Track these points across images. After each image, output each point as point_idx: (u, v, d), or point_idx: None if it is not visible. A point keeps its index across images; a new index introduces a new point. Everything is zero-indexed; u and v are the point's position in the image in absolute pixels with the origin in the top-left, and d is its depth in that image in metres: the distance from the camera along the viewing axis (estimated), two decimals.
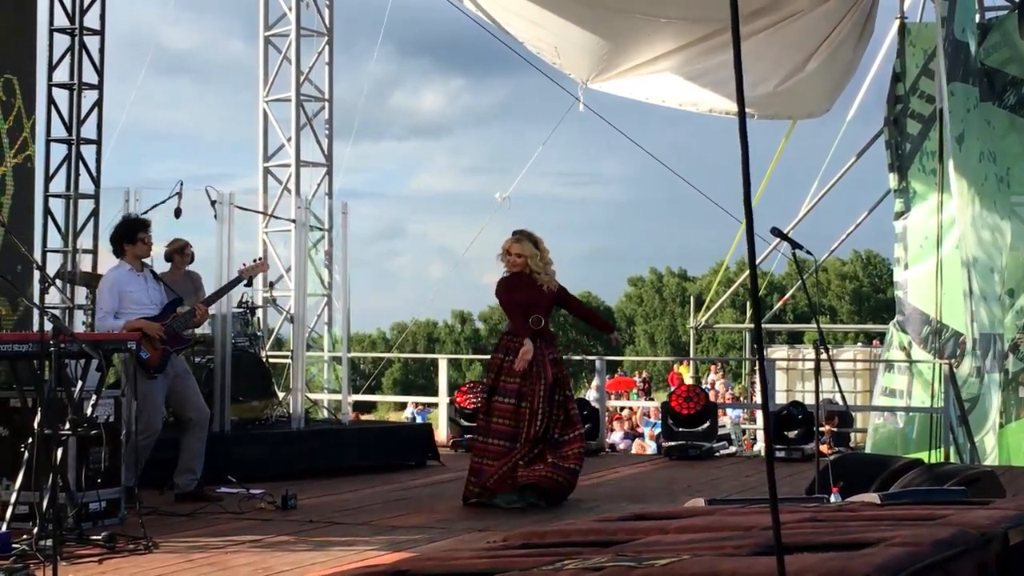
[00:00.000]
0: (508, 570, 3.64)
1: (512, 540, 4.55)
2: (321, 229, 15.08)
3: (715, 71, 16.16)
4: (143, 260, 9.23)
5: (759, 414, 19.24)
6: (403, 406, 29.01)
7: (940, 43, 14.70)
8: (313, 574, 6.54)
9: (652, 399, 30.06)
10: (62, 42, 11.37)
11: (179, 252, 10.88)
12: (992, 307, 15.74)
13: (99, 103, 11.45)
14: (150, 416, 8.97)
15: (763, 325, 22.39)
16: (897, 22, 16.61)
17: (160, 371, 8.99)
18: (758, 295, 2.98)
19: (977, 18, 16.70)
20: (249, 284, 10.23)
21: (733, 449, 17.26)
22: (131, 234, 9.16)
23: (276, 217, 14.42)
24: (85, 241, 11.32)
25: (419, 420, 19.86)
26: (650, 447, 18.86)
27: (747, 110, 13.42)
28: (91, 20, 11.41)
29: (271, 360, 13.44)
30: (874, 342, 26.52)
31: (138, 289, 9.09)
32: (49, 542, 6.43)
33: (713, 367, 32.28)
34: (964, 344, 15.06)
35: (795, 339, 35.91)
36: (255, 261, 10.17)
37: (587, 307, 10.39)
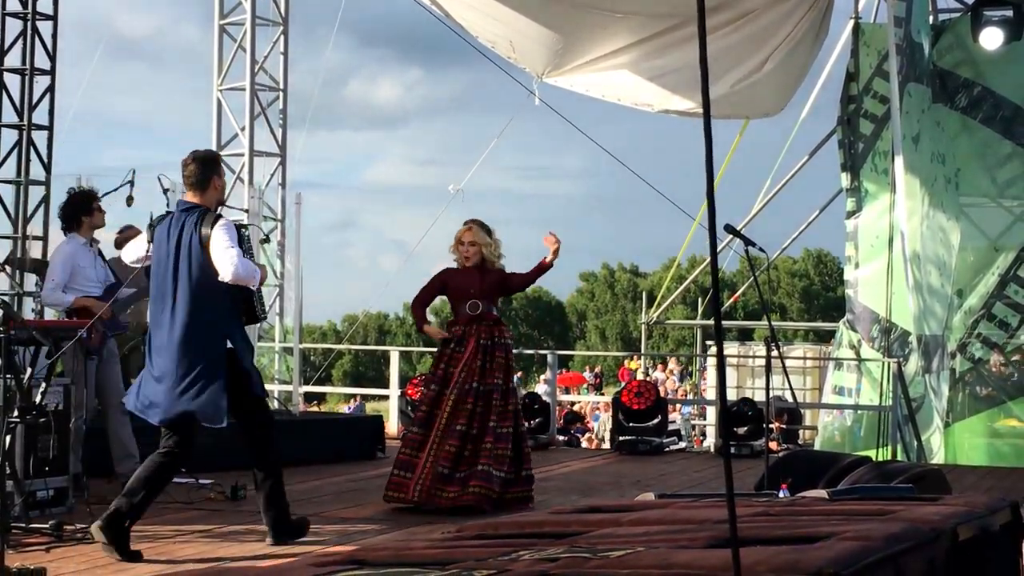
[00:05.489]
0: (463, 560, 3.64)
1: (466, 531, 4.55)
2: (274, 219, 15.01)
3: (670, 71, 16.16)
4: (93, 237, 9.17)
5: (709, 410, 19.33)
6: (352, 398, 28.97)
7: (892, 43, 14.80)
8: (264, 565, 6.50)
9: (603, 394, 30.14)
10: (14, 27, 11.24)
11: (130, 240, 10.78)
12: (940, 307, 15.89)
13: (51, 89, 11.32)
14: (86, 396, 8.90)
15: (713, 321, 22.51)
16: (851, 22, 16.70)
17: (98, 353, 8.89)
18: (719, 290, 3.00)
19: (930, 19, 16.84)
20: None
21: (683, 445, 17.37)
22: (87, 204, 9.09)
23: (229, 207, 14.31)
24: (35, 228, 11.19)
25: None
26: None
27: (701, 111, 13.44)
28: (44, 5, 11.28)
29: None
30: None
31: (88, 265, 9.03)
32: None
33: (661, 365, 32.39)
34: (912, 342, 15.19)
35: (745, 336, 36.12)
36: None
37: (528, 274, 9.19)
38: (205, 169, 7.08)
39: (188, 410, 6.88)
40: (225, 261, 6.80)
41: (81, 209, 9.08)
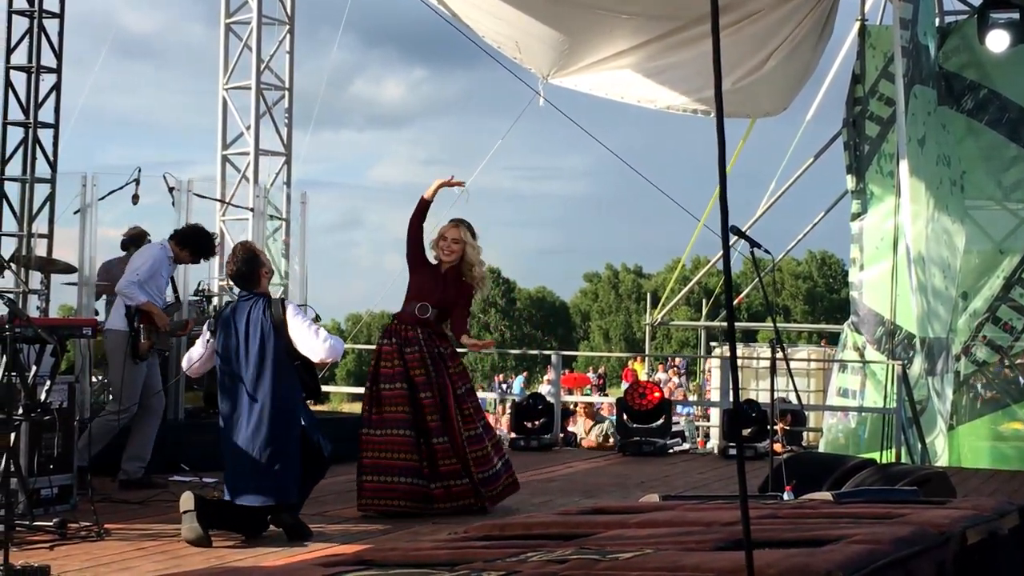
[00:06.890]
0: (472, 561, 3.63)
1: (473, 532, 4.54)
2: (279, 218, 15.00)
3: (674, 68, 16.16)
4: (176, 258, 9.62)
5: (713, 411, 19.31)
6: (357, 397, 28.89)
7: (897, 45, 14.77)
8: (268, 563, 6.50)
9: (607, 395, 30.12)
10: (21, 24, 11.23)
11: (136, 240, 10.84)
12: (944, 310, 15.86)
13: (57, 87, 11.31)
14: (130, 396, 9.18)
15: (718, 323, 22.50)
16: (857, 24, 16.67)
17: (144, 359, 9.30)
18: (731, 294, 2.99)
19: (937, 21, 16.81)
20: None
21: (687, 446, 17.35)
22: (201, 249, 9.67)
23: (234, 205, 14.34)
24: (40, 226, 11.18)
25: None
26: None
27: (703, 108, 13.35)
28: (50, 3, 11.26)
29: None
30: (823, 342, 26.69)
31: (165, 277, 9.53)
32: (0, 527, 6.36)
33: (661, 365, 32.35)
34: (916, 345, 15.17)
35: (749, 337, 36.05)
36: None
37: (461, 320, 8.89)
38: (250, 267, 7.48)
39: (269, 500, 7.26)
40: (318, 341, 7.19)
41: (196, 247, 9.61)
